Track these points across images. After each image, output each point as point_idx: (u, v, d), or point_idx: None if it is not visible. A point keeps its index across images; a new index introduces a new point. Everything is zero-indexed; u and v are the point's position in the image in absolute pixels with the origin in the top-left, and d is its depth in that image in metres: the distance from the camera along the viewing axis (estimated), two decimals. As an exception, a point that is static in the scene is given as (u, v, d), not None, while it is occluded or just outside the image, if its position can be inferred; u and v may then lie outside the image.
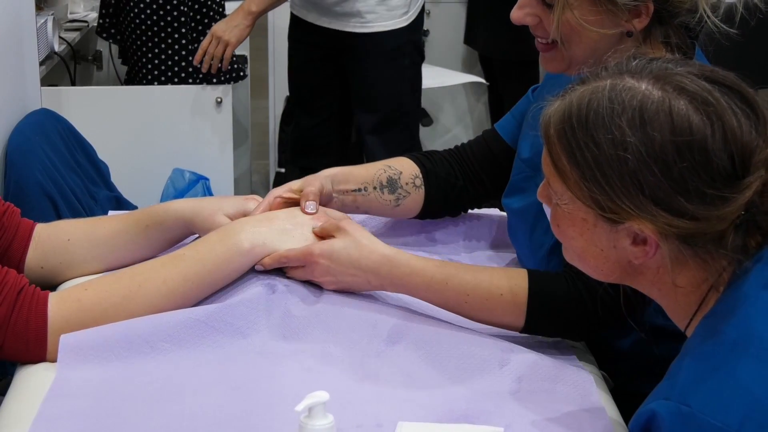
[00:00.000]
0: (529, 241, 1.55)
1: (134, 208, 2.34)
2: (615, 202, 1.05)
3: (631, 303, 1.24)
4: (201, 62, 2.96)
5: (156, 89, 3.06)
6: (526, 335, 1.43)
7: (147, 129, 2.96)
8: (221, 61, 2.94)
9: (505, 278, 1.38)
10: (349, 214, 1.56)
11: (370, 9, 2.88)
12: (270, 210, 1.51)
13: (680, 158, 1.03)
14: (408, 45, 2.96)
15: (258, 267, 1.43)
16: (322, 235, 1.44)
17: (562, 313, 1.38)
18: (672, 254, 1.06)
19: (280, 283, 1.42)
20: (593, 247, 1.10)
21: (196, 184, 2.86)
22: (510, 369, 1.32)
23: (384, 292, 1.46)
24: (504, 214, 1.75)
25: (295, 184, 1.54)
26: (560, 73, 1.46)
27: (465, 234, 1.77)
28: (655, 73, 1.07)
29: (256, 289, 1.40)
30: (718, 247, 1.05)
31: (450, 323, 1.42)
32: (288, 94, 3.77)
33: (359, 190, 1.59)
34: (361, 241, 1.40)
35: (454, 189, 1.66)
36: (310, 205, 1.48)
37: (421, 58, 3.06)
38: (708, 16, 1.33)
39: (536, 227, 1.53)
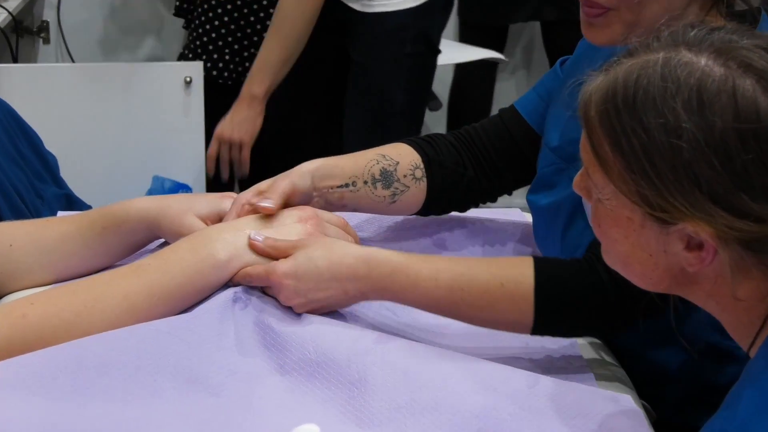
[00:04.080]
0: (560, 245, 1.55)
1: (88, 207, 2.33)
2: (666, 199, 1.04)
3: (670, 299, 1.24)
4: None
5: (113, 66, 3.06)
6: (540, 352, 1.43)
7: (102, 114, 2.95)
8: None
9: (506, 266, 1.37)
10: (340, 214, 1.56)
11: None
12: (237, 217, 1.50)
13: (744, 148, 1.02)
14: (412, 29, 2.89)
15: (230, 283, 1.43)
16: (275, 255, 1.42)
17: (578, 304, 1.36)
18: (732, 262, 1.05)
19: (253, 295, 1.42)
20: (640, 252, 1.10)
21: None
22: (528, 384, 1.31)
23: (369, 314, 1.46)
24: (528, 215, 1.75)
25: (263, 184, 1.53)
26: (610, 46, 1.43)
27: (482, 239, 1.76)
28: (717, 46, 1.06)
29: (226, 301, 1.40)
30: None
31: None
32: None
33: (346, 185, 1.58)
34: (327, 246, 1.39)
35: (463, 181, 1.65)
36: (266, 201, 1.47)
37: (431, 50, 2.97)
38: None
39: (569, 228, 1.53)
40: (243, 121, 2.86)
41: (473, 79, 4.11)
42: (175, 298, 1.39)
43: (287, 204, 1.51)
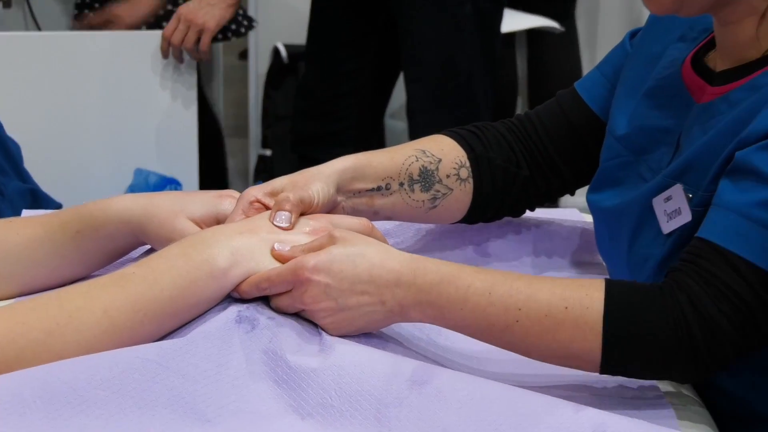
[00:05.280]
0: (627, 254, 1.55)
1: (58, 206, 2.35)
2: None
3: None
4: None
5: (88, 36, 3.06)
6: (610, 380, 1.43)
7: (75, 93, 2.96)
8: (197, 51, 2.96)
9: (572, 287, 1.38)
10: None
11: None
12: (245, 217, 1.51)
13: None
14: None
15: (234, 294, 1.44)
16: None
17: (655, 339, 1.35)
18: None
19: (262, 315, 1.42)
20: None
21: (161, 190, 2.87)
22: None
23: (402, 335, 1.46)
24: (588, 216, 1.75)
25: (279, 182, 1.54)
26: (669, 14, 1.46)
27: (533, 246, 1.78)
28: None
29: (228, 322, 1.40)
30: None
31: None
32: (276, 44, 3.78)
33: (378, 188, 1.60)
34: (369, 246, 1.40)
35: (516, 182, 1.67)
36: (281, 218, 1.47)
37: (495, 3, 3.02)
38: None
39: (639, 234, 1.53)
40: (213, 6, 2.95)
41: None
42: (165, 314, 1.39)
43: (303, 214, 1.51)
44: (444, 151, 1.64)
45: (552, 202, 1.74)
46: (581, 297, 1.36)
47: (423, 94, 3.00)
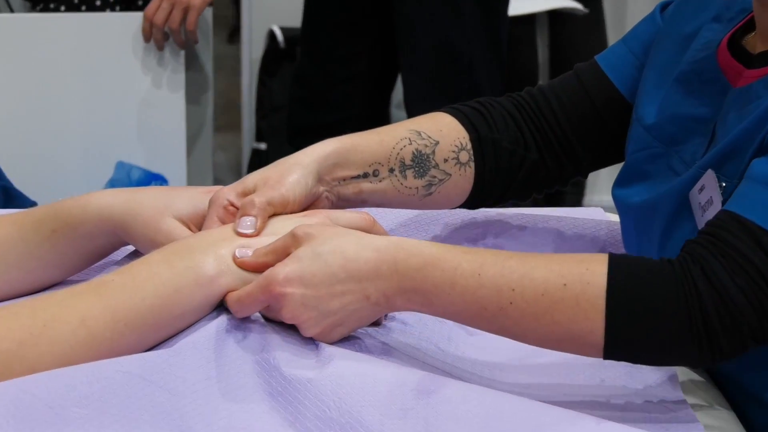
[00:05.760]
0: (659, 254, 1.54)
1: (33, 203, 2.35)
2: None
3: None
4: None
5: (65, 18, 3.06)
6: (621, 393, 1.43)
7: (51, 80, 2.96)
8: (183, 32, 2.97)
9: (571, 262, 1.36)
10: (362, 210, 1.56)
11: None
12: (221, 223, 1.51)
13: None
14: None
15: (220, 307, 1.45)
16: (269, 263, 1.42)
17: (662, 313, 1.33)
18: None
19: (254, 323, 1.43)
20: None
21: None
22: None
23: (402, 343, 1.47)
24: (614, 216, 1.75)
25: (251, 180, 1.53)
26: None
27: (552, 247, 1.78)
28: None
29: (218, 331, 1.41)
30: None
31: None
32: (271, 26, 3.79)
33: (365, 174, 1.59)
34: (339, 238, 1.39)
35: (523, 165, 1.66)
36: (245, 224, 1.47)
37: None
38: None
39: (672, 231, 1.52)
40: None
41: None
42: (147, 324, 1.39)
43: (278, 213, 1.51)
44: (443, 132, 1.63)
45: (562, 186, 1.73)
46: (581, 272, 1.35)
47: (420, 82, 3.01)
